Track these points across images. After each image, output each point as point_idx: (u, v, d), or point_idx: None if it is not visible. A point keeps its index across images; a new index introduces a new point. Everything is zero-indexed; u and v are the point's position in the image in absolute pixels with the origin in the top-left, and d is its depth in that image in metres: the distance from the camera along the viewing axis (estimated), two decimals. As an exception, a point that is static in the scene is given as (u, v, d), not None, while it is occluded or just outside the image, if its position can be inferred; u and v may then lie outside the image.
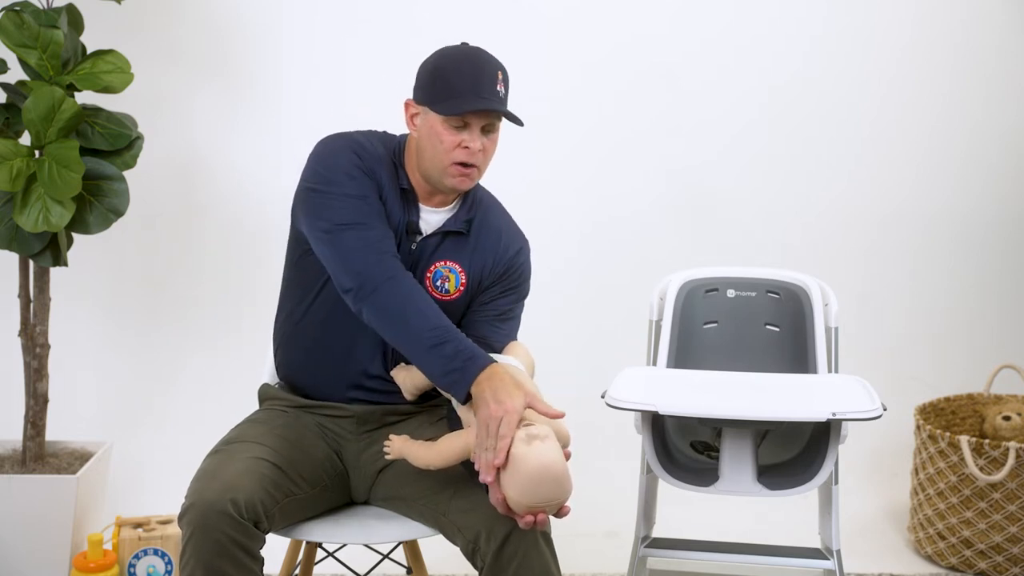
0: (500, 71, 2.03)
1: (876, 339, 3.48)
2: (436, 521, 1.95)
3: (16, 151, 2.57)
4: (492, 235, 2.11)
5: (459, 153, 1.98)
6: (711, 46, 3.46)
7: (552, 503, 1.74)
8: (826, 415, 1.96)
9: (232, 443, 1.98)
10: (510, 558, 1.82)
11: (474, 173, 2.00)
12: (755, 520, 3.06)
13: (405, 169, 2.06)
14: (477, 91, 1.97)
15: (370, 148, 2.03)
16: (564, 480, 1.73)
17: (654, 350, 2.38)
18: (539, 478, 1.72)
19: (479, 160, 1.99)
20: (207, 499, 1.80)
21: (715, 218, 3.49)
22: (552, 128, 3.43)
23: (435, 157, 1.99)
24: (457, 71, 2.00)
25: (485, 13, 3.38)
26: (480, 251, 2.09)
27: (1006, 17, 3.51)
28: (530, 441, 1.73)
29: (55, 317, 2.85)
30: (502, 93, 2.02)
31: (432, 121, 1.99)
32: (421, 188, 2.06)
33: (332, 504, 2.05)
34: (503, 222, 2.15)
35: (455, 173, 1.99)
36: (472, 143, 1.97)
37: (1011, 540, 2.83)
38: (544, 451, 1.73)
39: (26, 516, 2.69)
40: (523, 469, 1.72)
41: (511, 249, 2.12)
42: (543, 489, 1.73)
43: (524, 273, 2.15)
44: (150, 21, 3.21)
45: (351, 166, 1.99)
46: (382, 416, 2.10)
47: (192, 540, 1.79)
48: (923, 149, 3.55)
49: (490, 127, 2.01)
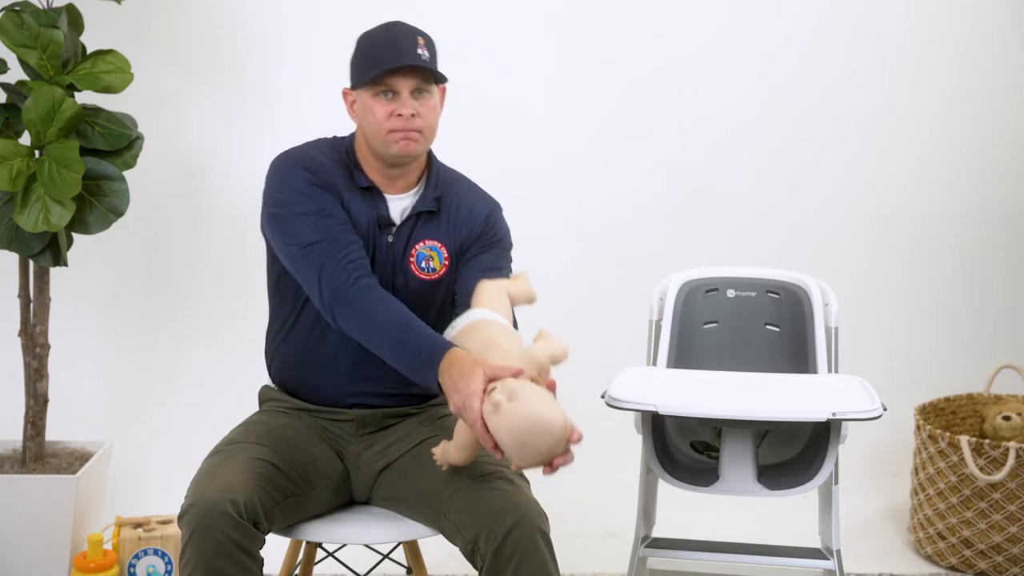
0: (421, 36, 2.05)
1: (876, 339, 3.48)
2: (436, 521, 1.95)
3: (16, 151, 2.57)
4: (463, 206, 2.13)
5: (393, 121, 2.00)
6: (710, 47, 3.46)
7: (553, 451, 1.73)
8: (826, 415, 1.96)
9: (232, 444, 1.99)
10: (509, 558, 1.82)
11: (416, 136, 2.02)
12: (755, 520, 3.06)
13: (361, 165, 2.09)
14: (394, 55, 2.00)
15: (320, 158, 2.06)
16: (549, 428, 1.72)
17: (654, 350, 2.38)
18: (521, 441, 1.72)
19: (418, 124, 2.01)
20: (207, 499, 1.80)
21: (715, 218, 3.49)
22: (552, 129, 3.43)
23: (375, 132, 2.02)
24: (375, 43, 2.05)
25: (485, 15, 3.38)
26: (454, 224, 2.11)
27: (1004, 16, 3.51)
28: (496, 411, 1.73)
29: (55, 317, 2.85)
30: (425, 56, 2.02)
31: (364, 99, 2.03)
32: (381, 178, 2.08)
33: (333, 504, 2.05)
34: (470, 192, 2.17)
35: (396, 139, 2.01)
36: (403, 108, 2.00)
37: (1011, 540, 2.83)
38: (512, 416, 1.72)
39: (26, 516, 2.69)
40: (505, 440, 1.73)
41: (483, 214, 2.15)
42: (532, 448, 1.72)
43: (500, 229, 2.17)
44: (150, 21, 3.21)
45: (304, 183, 2.02)
46: (382, 419, 2.10)
47: (192, 540, 1.80)
48: (922, 149, 3.55)
49: (420, 91, 2.03)
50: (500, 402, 1.73)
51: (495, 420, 1.73)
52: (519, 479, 1.95)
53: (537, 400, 1.73)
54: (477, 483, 1.90)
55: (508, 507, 1.85)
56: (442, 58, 3.48)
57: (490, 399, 1.74)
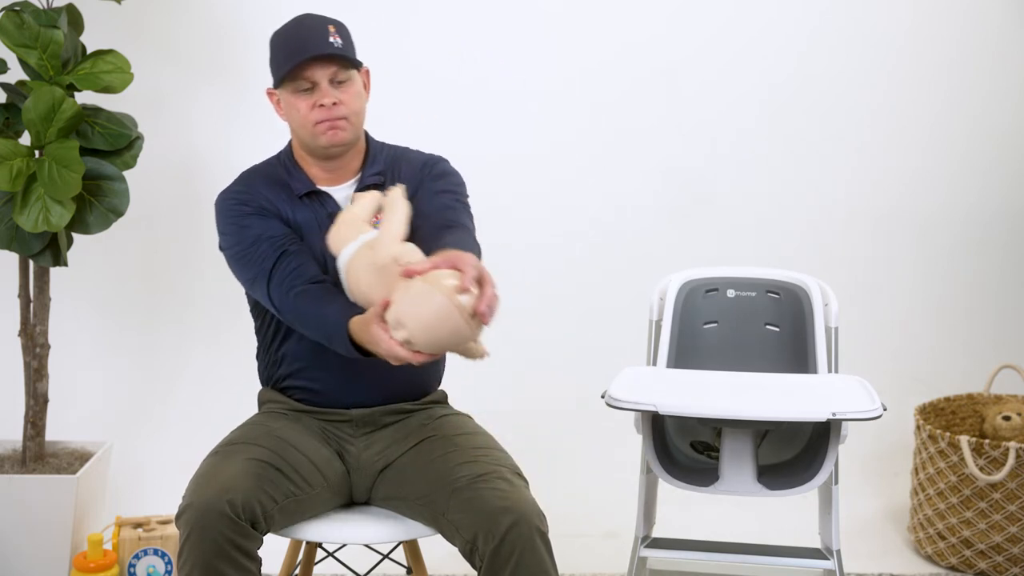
0: (331, 24, 2.06)
1: (876, 339, 3.48)
2: (435, 521, 1.95)
3: (16, 151, 2.57)
4: (404, 170, 2.14)
5: (317, 112, 2.03)
6: (710, 47, 3.46)
7: (462, 329, 1.71)
8: (826, 415, 1.96)
9: (230, 445, 1.99)
10: (507, 558, 1.82)
11: (344, 124, 2.04)
12: (755, 520, 3.06)
13: (301, 167, 2.11)
14: (302, 48, 2.02)
15: (254, 185, 2.09)
16: (441, 320, 1.69)
17: (654, 350, 2.38)
18: (441, 344, 1.73)
19: (341, 111, 2.03)
20: (204, 499, 1.81)
21: (715, 218, 3.49)
22: (552, 129, 3.43)
23: (302, 127, 2.05)
24: (285, 39, 2.07)
25: (485, 15, 3.38)
26: (400, 183, 2.10)
27: (1004, 16, 3.51)
28: (408, 344, 1.74)
29: (55, 317, 2.85)
30: (338, 44, 2.04)
31: (286, 97, 2.07)
32: (323, 173, 2.10)
33: (332, 505, 2.05)
34: (412, 156, 2.18)
35: (323, 130, 2.03)
36: (324, 99, 2.02)
37: (1011, 540, 2.83)
38: (417, 337, 1.72)
39: (26, 516, 2.69)
40: (434, 351, 1.75)
41: (424, 163, 2.15)
42: (453, 339, 1.73)
43: (441, 168, 2.16)
44: (150, 21, 3.21)
45: (239, 217, 2.05)
46: (381, 416, 2.10)
47: (189, 540, 1.80)
48: (922, 148, 3.55)
49: (339, 78, 2.04)
50: (403, 337, 1.73)
51: (410, 350, 1.75)
52: (517, 479, 1.95)
53: (417, 307, 1.70)
54: (475, 483, 1.90)
55: (506, 507, 1.84)
56: (442, 58, 3.50)
57: (397, 340, 1.75)
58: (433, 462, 2.00)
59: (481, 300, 1.71)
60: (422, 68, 3.37)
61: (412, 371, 2.11)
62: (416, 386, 2.15)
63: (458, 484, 1.92)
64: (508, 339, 3.41)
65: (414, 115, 3.31)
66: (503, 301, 3.53)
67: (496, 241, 3.40)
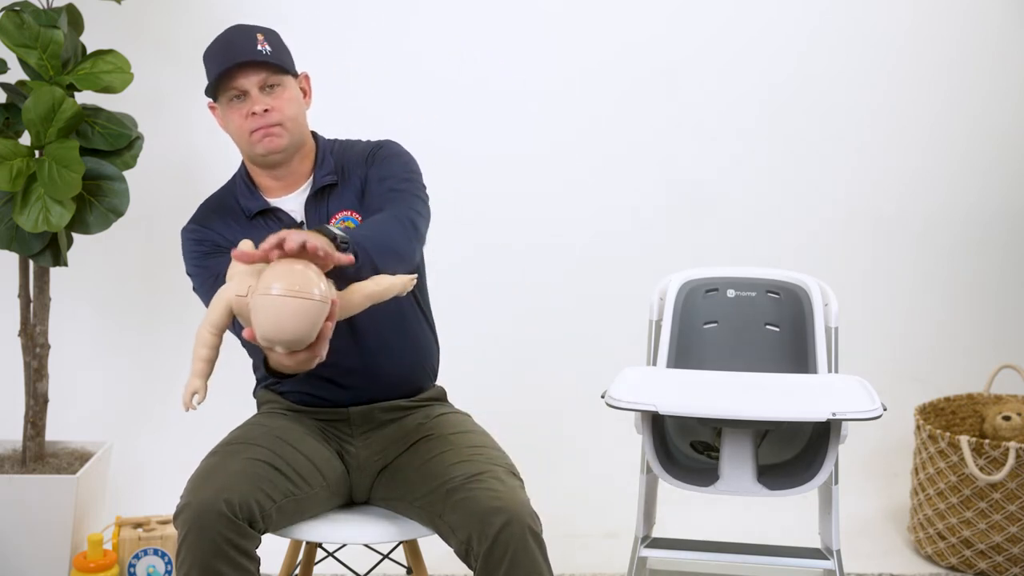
0: (260, 32, 2.07)
1: (876, 339, 3.48)
2: (432, 522, 1.95)
3: (16, 151, 2.57)
4: (352, 162, 2.13)
5: (250, 122, 2.03)
6: (710, 47, 3.46)
7: (317, 310, 1.67)
8: (826, 415, 1.96)
9: (229, 445, 1.99)
10: (500, 558, 1.82)
11: (279, 131, 2.04)
12: (755, 520, 3.06)
13: (255, 180, 2.12)
14: (228, 56, 2.02)
15: (207, 220, 2.10)
16: (295, 315, 1.65)
17: (654, 350, 2.38)
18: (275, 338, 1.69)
19: (272, 119, 2.03)
20: (201, 499, 1.81)
21: (715, 218, 3.49)
22: (552, 129, 3.43)
23: (240, 138, 2.06)
24: (214, 50, 2.08)
25: (485, 15, 3.38)
26: (350, 182, 2.11)
27: (1004, 16, 3.51)
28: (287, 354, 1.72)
29: (55, 317, 2.85)
30: (266, 51, 2.04)
31: (222, 108, 2.07)
32: (274, 182, 2.11)
33: (332, 504, 2.06)
34: (358, 147, 2.17)
35: (258, 138, 2.04)
36: (255, 106, 2.02)
37: (1011, 540, 2.83)
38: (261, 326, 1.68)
39: (26, 516, 2.69)
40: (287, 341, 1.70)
41: (368, 151, 2.13)
42: (307, 326, 1.68)
43: (386, 150, 2.13)
44: (150, 21, 3.21)
45: (198, 257, 2.08)
46: (379, 414, 2.10)
47: (187, 540, 1.80)
48: (922, 149, 3.55)
49: (271, 86, 2.04)
50: (279, 349, 1.70)
51: (302, 352, 1.72)
52: (511, 478, 1.94)
53: (258, 322, 1.67)
54: (468, 483, 1.90)
55: (498, 507, 1.84)
56: (442, 58, 3.49)
57: (281, 354, 1.73)
58: (429, 462, 2.00)
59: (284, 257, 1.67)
60: (422, 68, 3.37)
61: (397, 367, 2.12)
62: (407, 381, 2.15)
63: (452, 484, 1.92)
64: (508, 339, 3.43)
65: (414, 115, 3.31)
66: (502, 301, 3.53)
67: (496, 241, 3.43)
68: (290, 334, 1.66)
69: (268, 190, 2.12)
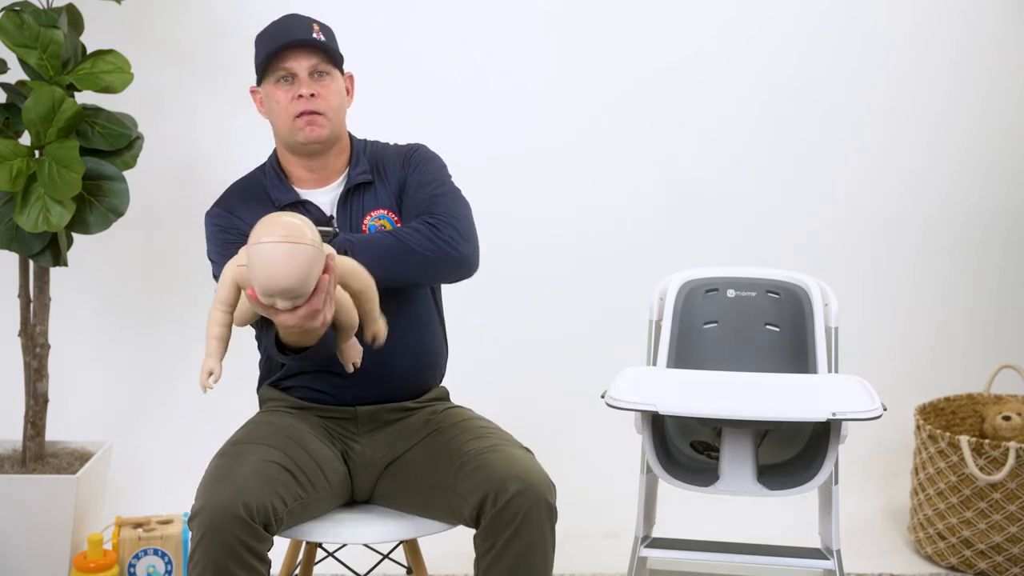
0: (316, 24, 2.07)
1: (876, 339, 3.48)
2: (443, 500, 1.95)
3: (16, 151, 2.57)
4: (389, 165, 2.14)
5: (295, 105, 2.03)
6: (710, 47, 3.46)
7: (311, 257, 1.70)
8: (826, 415, 1.96)
9: (240, 444, 1.98)
10: (508, 522, 1.84)
11: (320, 120, 2.04)
12: (755, 520, 3.06)
13: (286, 171, 2.11)
14: (284, 36, 2.03)
15: (233, 205, 2.09)
16: (287, 263, 1.68)
17: (654, 350, 2.38)
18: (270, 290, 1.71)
19: (319, 105, 2.03)
20: (217, 502, 1.80)
21: (715, 218, 3.49)
22: (552, 129, 3.43)
23: (281, 121, 2.05)
24: (269, 32, 2.08)
25: (484, 15, 3.38)
26: (388, 183, 2.11)
27: (1004, 16, 3.51)
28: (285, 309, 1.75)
29: (55, 317, 2.85)
30: (321, 38, 2.04)
31: (267, 90, 2.07)
32: (307, 174, 2.10)
33: (333, 506, 2.06)
34: (391, 149, 2.18)
35: (301, 125, 2.04)
36: (302, 89, 2.02)
37: (1011, 540, 2.83)
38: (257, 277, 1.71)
39: (26, 516, 2.69)
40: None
41: (404, 154, 2.15)
42: (304, 275, 1.70)
43: (421, 155, 2.15)
44: (150, 21, 3.21)
45: (221, 244, 2.05)
46: (385, 414, 2.11)
47: (203, 542, 1.79)
48: (922, 149, 3.55)
49: (320, 73, 2.05)
50: (280, 304, 1.73)
51: (302, 308, 1.74)
52: (526, 452, 1.97)
53: (255, 272, 1.70)
54: (483, 453, 1.93)
55: (516, 474, 1.86)
56: (442, 58, 3.49)
57: (280, 309, 1.75)
58: (441, 448, 2.02)
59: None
60: (422, 68, 3.37)
61: (412, 366, 2.12)
62: (419, 381, 2.16)
63: (466, 458, 1.94)
64: (508, 339, 3.43)
65: (414, 115, 3.31)
66: (502, 301, 3.52)
67: (496, 241, 3.41)
68: (285, 279, 1.68)
69: (300, 181, 2.12)
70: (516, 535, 1.84)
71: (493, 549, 1.86)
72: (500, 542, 1.85)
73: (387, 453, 2.09)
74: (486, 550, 1.87)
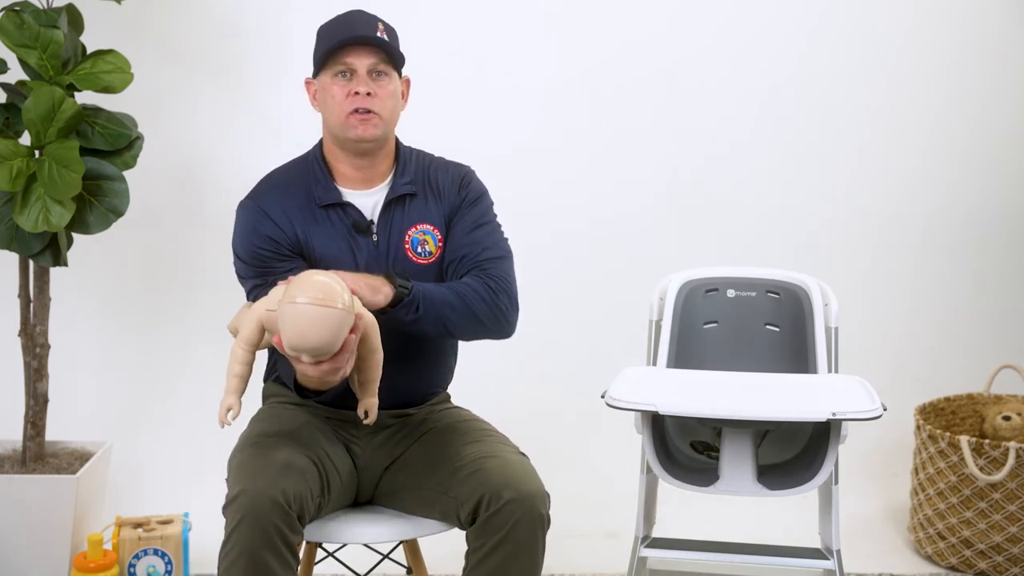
0: (381, 23, 2.06)
1: (876, 339, 3.48)
2: (439, 502, 1.96)
3: (16, 151, 2.57)
4: (441, 182, 2.12)
5: (351, 101, 2.00)
6: (710, 46, 3.46)
7: (341, 323, 1.75)
8: (826, 415, 1.96)
9: (267, 436, 1.97)
10: (499, 526, 1.85)
11: (374, 119, 2.01)
12: (755, 520, 3.06)
13: (331, 166, 2.08)
14: (349, 31, 2.01)
15: (269, 198, 2.05)
16: (318, 326, 1.73)
17: (654, 350, 2.38)
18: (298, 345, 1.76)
19: (374, 105, 2.01)
20: (258, 487, 1.79)
21: (715, 218, 3.49)
22: (552, 129, 3.43)
23: (334, 115, 2.02)
24: (333, 25, 2.06)
25: (484, 15, 3.38)
26: (438, 201, 2.10)
27: (1004, 16, 3.51)
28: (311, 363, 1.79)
29: (55, 317, 2.85)
30: (384, 38, 2.03)
31: (324, 83, 2.04)
32: (352, 171, 2.07)
33: (340, 505, 2.06)
34: (443, 166, 2.16)
35: (354, 123, 2.01)
36: (359, 86, 2.00)
37: (1011, 540, 2.83)
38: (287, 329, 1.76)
39: (26, 516, 2.69)
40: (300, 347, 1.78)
41: (458, 181, 2.14)
42: (330, 338, 1.75)
43: (476, 188, 2.15)
44: (150, 21, 3.21)
45: (246, 247, 2.03)
46: (387, 419, 2.11)
47: (240, 527, 1.77)
48: (923, 149, 3.55)
49: (379, 72, 2.03)
50: (305, 358, 1.78)
51: (326, 363, 1.80)
52: (523, 459, 1.98)
53: (285, 327, 1.75)
54: (480, 460, 1.94)
55: (510, 482, 1.87)
56: (441, 58, 3.49)
57: (306, 363, 1.80)
58: (438, 449, 2.02)
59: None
60: (421, 68, 3.34)
61: (417, 376, 2.12)
62: (427, 390, 2.16)
63: (462, 463, 1.95)
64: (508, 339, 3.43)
65: (413, 115, 3.30)
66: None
67: (496, 241, 3.42)
68: (314, 341, 1.74)
69: (343, 178, 2.07)
70: (505, 539, 1.85)
71: (482, 548, 1.87)
72: (489, 544, 1.86)
73: (387, 455, 2.09)
74: (476, 548, 1.89)
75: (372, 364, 1.92)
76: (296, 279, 1.76)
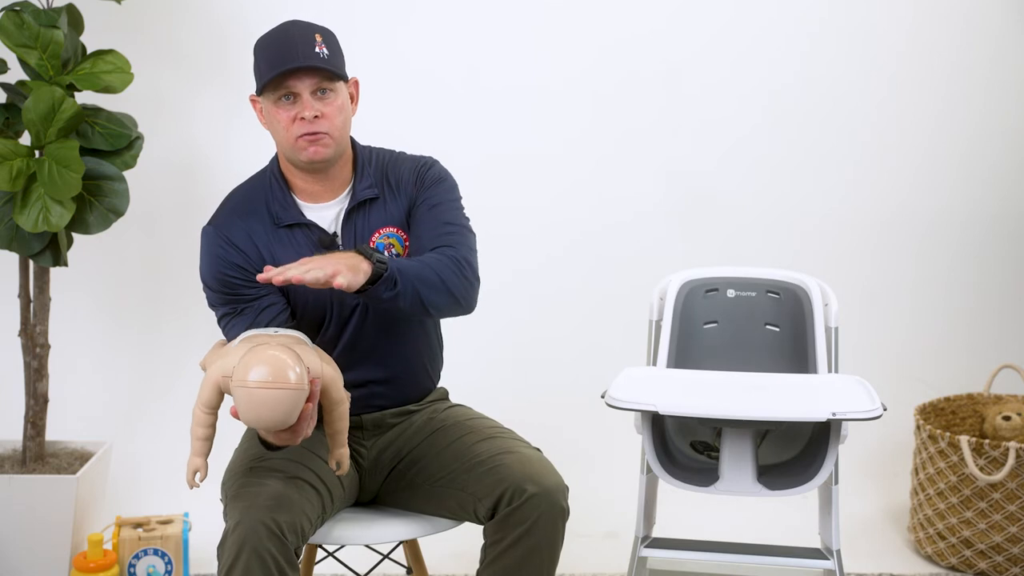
0: (318, 33, 1.98)
1: (876, 339, 3.48)
2: (453, 499, 1.97)
3: (16, 151, 2.57)
4: (400, 179, 2.08)
5: (298, 127, 1.95)
6: (712, 47, 3.46)
7: (294, 399, 1.73)
8: (826, 415, 1.96)
9: (261, 461, 1.95)
10: (521, 520, 1.86)
11: (325, 139, 1.96)
12: (755, 520, 3.06)
13: (289, 181, 2.04)
14: (286, 57, 1.94)
15: (232, 223, 2.02)
16: (274, 405, 1.72)
17: (654, 350, 2.38)
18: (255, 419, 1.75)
19: (322, 126, 1.95)
20: (255, 519, 1.78)
21: (715, 218, 3.49)
22: (552, 128, 3.43)
23: (283, 139, 1.98)
24: (269, 46, 1.99)
25: (482, 15, 3.38)
26: (397, 198, 2.06)
27: (1004, 18, 3.51)
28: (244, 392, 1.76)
29: (55, 317, 2.85)
30: (324, 54, 1.96)
31: (268, 106, 1.99)
32: (311, 185, 2.03)
33: (342, 507, 2.07)
34: (402, 161, 2.11)
35: (304, 145, 1.96)
36: (304, 111, 1.94)
37: (1011, 540, 2.83)
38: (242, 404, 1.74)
39: (26, 516, 2.69)
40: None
41: (418, 170, 2.09)
42: (284, 413, 1.74)
43: (434, 173, 2.09)
44: (150, 21, 3.21)
45: (213, 275, 2.00)
46: (389, 419, 2.12)
47: (240, 561, 1.76)
48: (923, 149, 3.55)
49: (323, 90, 1.96)
50: (261, 433, 1.80)
51: (284, 432, 1.81)
52: (540, 455, 2.00)
53: (242, 411, 1.74)
54: (498, 456, 1.95)
55: (532, 477, 1.89)
56: (440, 58, 3.49)
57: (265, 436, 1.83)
58: (450, 446, 2.02)
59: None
60: (419, 68, 3.37)
61: (409, 374, 2.12)
62: (420, 387, 2.16)
63: (479, 459, 1.95)
64: (508, 339, 3.43)
65: (411, 115, 3.31)
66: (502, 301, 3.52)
67: (495, 241, 3.42)
68: (268, 421, 1.73)
69: (303, 193, 2.04)
70: (528, 533, 1.87)
71: (503, 542, 1.88)
72: (510, 537, 1.88)
73: (393, 455, 2.09)
74: (496, 541, 1.90)
75: (337, 416, 1.90)
76: (246, 357, 1.71)
